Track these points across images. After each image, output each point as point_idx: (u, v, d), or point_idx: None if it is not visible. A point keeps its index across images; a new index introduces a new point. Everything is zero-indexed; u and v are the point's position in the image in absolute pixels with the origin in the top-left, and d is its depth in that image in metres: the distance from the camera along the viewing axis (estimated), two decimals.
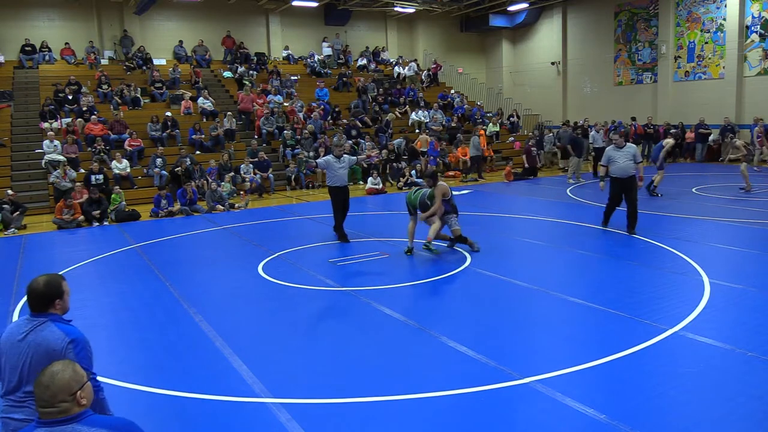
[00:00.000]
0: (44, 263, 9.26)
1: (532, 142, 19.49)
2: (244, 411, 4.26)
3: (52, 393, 2.30)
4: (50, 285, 3.03)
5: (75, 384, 2.34)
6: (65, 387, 2.32)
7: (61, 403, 2.30)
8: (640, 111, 22.29)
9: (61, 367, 2.38)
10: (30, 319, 3.00)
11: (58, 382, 2.32)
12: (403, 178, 17.29)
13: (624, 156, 9.33)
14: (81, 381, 2.38)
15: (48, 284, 3.03)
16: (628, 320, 5.71)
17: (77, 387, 2.35)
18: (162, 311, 6.66)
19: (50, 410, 2.31)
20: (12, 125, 17.45)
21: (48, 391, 2.31)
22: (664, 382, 4.43)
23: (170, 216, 13.50)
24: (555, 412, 4.02)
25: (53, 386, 2.31)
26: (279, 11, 24.47)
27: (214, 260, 9.20)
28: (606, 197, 9.92)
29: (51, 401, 2.30)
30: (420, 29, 28.03)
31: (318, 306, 6.77)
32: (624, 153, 9.35)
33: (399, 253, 8.91)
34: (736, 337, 5.20)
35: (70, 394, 2.32)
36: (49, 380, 2.33)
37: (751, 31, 19.83)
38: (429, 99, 23.60)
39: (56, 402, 2.30)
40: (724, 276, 7.06)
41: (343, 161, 10.05)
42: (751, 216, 10.74)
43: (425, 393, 4.40)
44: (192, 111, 19.46)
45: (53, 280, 3.06)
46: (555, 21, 26.36)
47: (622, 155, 9.34)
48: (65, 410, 2.31)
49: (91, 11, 21.79)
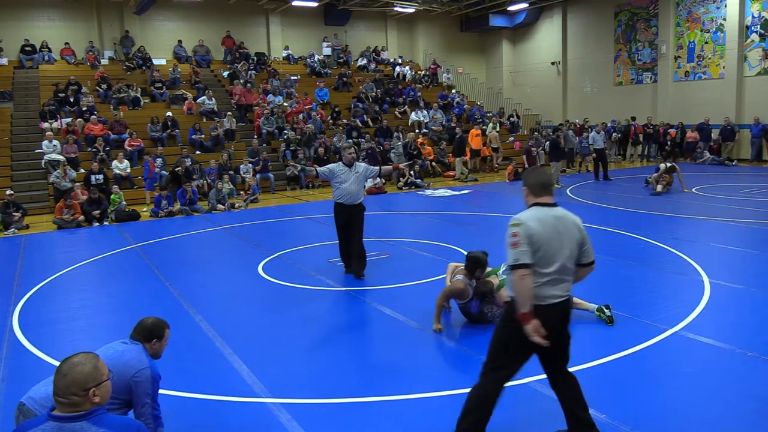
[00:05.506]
0: (44, 263, 9.26)
1: (532, 142, 19.50)
2: (244, 411, 4.25)
3: (66, 383, 2.28)
4: (158, 325, 3.67)
5: (91, 381, 2.31)
6: (81, 380, 2.29)
7: (72, 396, 2.28)
8: (640, 111, 22.29)
9: (83, 359, 2.35)
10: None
11: (75, 373, 2.29)
12: (403, 178, 17.29)
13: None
14: (99, 379, 2.34)
15: (156, 324, 3.66)
16: (628, 320, 5.71)
17: (92, 384, 2.31)
18: (162, 311, 6.62)
19: (62, 400, 2.29)
20: (12, 125, 17.45)
21: (64, 380, 2.28)
22: (664, 382, 4.43)
23: (170, 216, 13.51)
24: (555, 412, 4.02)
25: (69, 376, 2.29)
26: (279, 11, 24.47)
27: (214, 260, 9.20)
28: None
29: (64, 391, 2.28)
30: (420, 29, 28.02)
31: (318, 306, 6.76)
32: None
33: (399, 253, 8.91)
34: (736, 337, 5.20)
35: (83, 389, 2.29)
36: (69, 369, 2.31)
37: (751, 31, 19.82)
38: (429, 99, 23.60)
39: (69, 394, 2.28)
40: (724, 276, 7.06)
41: (356, 170, 7.49)
42: (751, 216, 10.74)
43: (425, 393, 4.40)
44: (194, 111, 19.47)
45: (162, 324, 3.70)
46: (555, 21, 26.35)
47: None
48: (75, 404, 2.28)
49: (91, 11, 21.78)
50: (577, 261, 3.42)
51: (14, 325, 6.33)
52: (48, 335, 5.99)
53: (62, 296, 7.39)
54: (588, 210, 12.16)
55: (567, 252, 3.33)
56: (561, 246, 3.31)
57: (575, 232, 3.38)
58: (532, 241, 3.25)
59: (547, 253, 3.28)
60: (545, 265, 3.28)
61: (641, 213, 11.59)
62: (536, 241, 3.25)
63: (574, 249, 3.37)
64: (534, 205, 3.41)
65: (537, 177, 3.46)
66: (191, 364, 5.11)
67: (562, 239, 3.32)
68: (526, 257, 3.24)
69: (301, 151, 17.89)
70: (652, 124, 21.71)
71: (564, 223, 3.36)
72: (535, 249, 3.24)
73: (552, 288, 3.32)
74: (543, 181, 3.43)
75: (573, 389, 3.54)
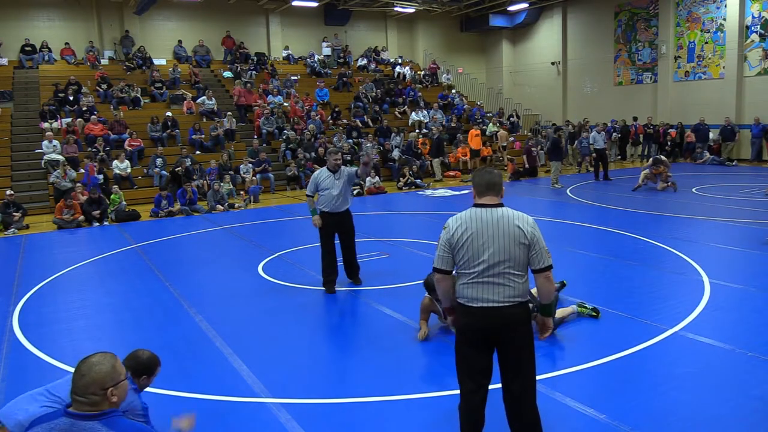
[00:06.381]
0: (44, 263, 9.26)
1: (532, 142, 19.51)
2: (244, 411, 4.25)
3: (85, 383, 2.30)
4: (153, 361, 3.41)
5: (110, 380, 2.34)
6: (99, 380, 2.31)
7: (91, 395, 2.30)
8: (640, 111, 22.30)
9: (101, 359, 2.38)
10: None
11: (94, 373, 2.31)
12: (403, 178, 17.29)
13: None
14: (117, 379, 2.37)
15: (151, 360, 3.42)
16: (628, 320, 5.71)
17: (111, 383, 2.33)
18: (162, 311, 6.65)
19: (81, 399, 2.31)
20: (12, 125, 17.46)
21: (83, 380, 2.31)
22: (664, 382, 4.43)
23: (170, 216, 13.51)
24: (555, 412, 4.02)
25: (88, 376, 2.31)
26: (279, 11, 24.47)
27: (214, 260, 9.20)
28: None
29: (83, 391, 2.30)
30: (420, 29, 28.02)
31: (318, 306, 6.76)
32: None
33: (399, 253, 8.91)
34: (736, 337, 5.20)
35: (102, 388, 2.31)
36: (87, 369, 2.33)
37: (751, 31, 19.82)
38: (429, 99, 23.60)
39: (88, 393, 2.30)
40: (724, 276, 7.06)
41: (341, 176, 7.05)
42: (751, 216, 10.74)
43: (425, 393, 4.40)
44: (194, 111, 19.47)
45: (156, 361, 3.44)
46: (555, 21, 26.35)
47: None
48: (94, 404, 2.30)
49: (91, 11, 21.78)
50: (530, 266, 3.25)
51: (14, 325, 6.33)
52: (48, 335, 5.99)
53: (62, 296, 7.39)
54: (588, 210, 12.16)
55: (497, 254, 3.15)
56: (488, 247, 3.16)
57: (515, 235, 3.16)
58: (453, 245, 3.24)
59: (472, 253, 3.18)
60: (470, 266, 3.20)
61: (641, 213, 11.59)
62: (458, 244, 3.21)
63: (512, 252, 3.16)
64: (474, 206, 3.30)
65: (482, 177, 3.31)
66: (191, 364, 5.11)
67: (491, 241, 3.16)
68: (440, 262, 3.32)
69: (301, 152, 17.88)
70: (652, 125, 21.72)
71: (500, 224, 3.17)
72: (458, 251, 3.22)
73: (481, 290, 3.18)
74: (488, 181, 3.28)
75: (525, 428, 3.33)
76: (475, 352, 3.27)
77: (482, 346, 3.27)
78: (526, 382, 3.28)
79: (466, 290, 3.23)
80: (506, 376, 3.31)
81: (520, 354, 3.25)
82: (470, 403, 3.31)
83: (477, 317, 3.20)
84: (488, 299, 3.18)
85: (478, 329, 3.23)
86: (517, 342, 3.24)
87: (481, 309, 3.19)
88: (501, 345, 3.25)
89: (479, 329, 3.23)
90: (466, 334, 3.30)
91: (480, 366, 3.29)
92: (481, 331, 3.23)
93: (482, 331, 3.23)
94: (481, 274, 3.18)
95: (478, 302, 3.20)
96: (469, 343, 3.28)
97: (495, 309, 3.18)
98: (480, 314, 3.20)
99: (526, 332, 3.26)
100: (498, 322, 3.19)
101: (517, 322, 3.21)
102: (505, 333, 3.21)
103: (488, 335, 3.23)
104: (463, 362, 3.32)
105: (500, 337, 3.23)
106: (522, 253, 3.19)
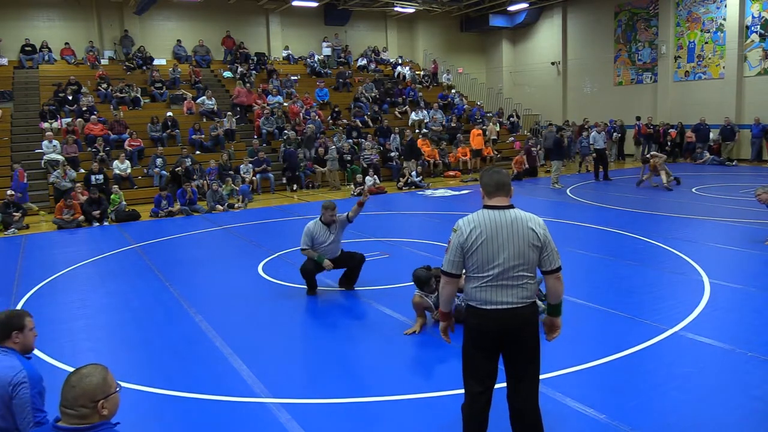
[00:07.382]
0: (44, 263, 9.26)
1: (532, 142, 19.50)
2: (244, 411, 4.25)
3: (75, 395, 2.26)
4: (11, 317, 3.04)
5: (100, 393, 2.30)
6: (90, 392, 2.27)
7: (81, 408, 2.26)
8: (640, 111, 22.29)
9: (92, 370, 2.34)
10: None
11: (85, 384, 2.28)
12: (403, 178, 17.29)
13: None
14: (108, 391, 2.33)
15: (9, 316, 3.04)
16: (628, 320, 5.71)
17: (101, 396, 2.30)
18: (162, 311, 6.66)
19: (70, 412, 2.27)
20: (12, 125, 17.46)
21: (73, 392, 2.27)
22: (664, 382, 4.43)
23: (170, 216, 13.51)
24: (555, 412, 4.02)
25: (78, 387, 2.27)
26: (279, 11, 24.46)
27: (214, 260, 9.20)
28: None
29: (72, 403, 2.26)
30: (420, 29, 28.02)
31: (318, 306, 6.77)
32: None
33: (399, 253, 8.90)
34: (736, 337, 5.20)
35: (92, 400, 2.27)
36: (77, 380, 2.29)
37: (751, 31, 19.82)
38: (429, 99, 23.60)
39: (77, 405, 2.26)
40: (724, 276, 7.06)
41: (335, 228, 7.04)
42: (751, 216, 10.74)
43: (425, 393, 4.40)
44: (194, 111, 19.47)
45: (16, 313, 3.08)
46: (555, 21, 26.35)
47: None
48: (84, 416, 2.26)
49: (91, 11, 21.78)
50: (541, 268, 3.20)
51: None
52: (48, 335, 5.97)
53: (62, 296, 7.40)
54: (588, 210, 12.16)
55: (512, 257, 3.09)
56: (503, 250, 3.09)
57: (528, 237, 3.11)
58: (465, 249, 3.12)
59: (486, 257, 3.10)
60: (483, 270, 3.11)
61: (641, 213, 11.59)
62: (471, 248, 3.11)
63: (526, 254, 3.11)
64: (484, 208, 3.22)
65: (491, 177, 3.24)
66: (191, 364, 5.11)
67: (506, 244, 3.09)
68: (451, 266, 3.19)
69: (302, 152, 17.88)
70: (652, 124, 21.72)
71: (514, 227, 3.11)
72: (470, 254, 3.11)
73: (494, 293, 3.12)
74: (497, 181, 3.21)
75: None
76: (483, 355, 3.23)
77: (491, 348, 3.23)
78: (532, 383, 3.28)
79: (479, 293, 3.16)
80: (513, 377, 3.29)
81: (530, 354, 3.24)
82: (475, 406, 3.28)
83: (490, 319, 3.16)
84: (502, 301, 3.14)
85: (490, 330, 3.18)
86: (529, 342, 3.23)
87: (495, 311, 3.15)
88: (512, 345, 3.22)
89: (492, 331, 3.18)
90: (476, 335, 3.24)
91: (487, 369, 3.26)
92: (493, 332, 3.18)
93: (495, 333, 3.18)
94: (496, 277, 3.12)
95: (492, 305, 3.15)
96: (478, 346, 3.23)
97: (509, 310, 3.15)
98: (493, 316, 3.15)
99: (536, 332, 3.24)
100: (511, 323, 3.16)
101: (529, 321, 3.20)
102: (518, 333, 3.19)
103: (501, 336, 3.19)
104: (470, 364, 3.28)
105: (512, 337, 3.19)
106: (534, 255, 3.15)
